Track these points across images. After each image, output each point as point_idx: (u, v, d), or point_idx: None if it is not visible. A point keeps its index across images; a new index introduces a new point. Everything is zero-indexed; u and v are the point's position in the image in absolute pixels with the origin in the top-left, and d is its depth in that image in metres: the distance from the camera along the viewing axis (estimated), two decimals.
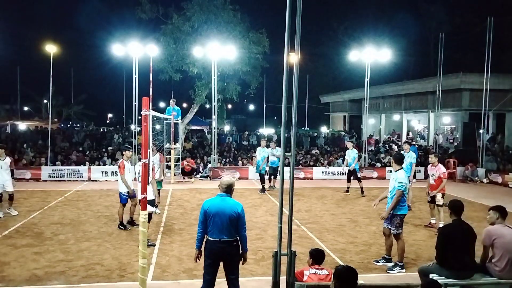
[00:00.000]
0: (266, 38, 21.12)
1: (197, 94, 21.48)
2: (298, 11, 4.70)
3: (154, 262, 7.36)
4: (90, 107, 48.13)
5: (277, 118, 48.76)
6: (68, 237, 8.88)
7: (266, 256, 7.70)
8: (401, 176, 7.11)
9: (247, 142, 25.61)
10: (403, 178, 7.07)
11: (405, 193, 7.10)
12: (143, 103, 5.58)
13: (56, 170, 17.79)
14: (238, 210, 5.19)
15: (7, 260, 7.35)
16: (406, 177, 7.13)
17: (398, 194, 7.01)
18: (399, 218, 7.15)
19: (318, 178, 19.04)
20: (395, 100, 32.81)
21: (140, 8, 20.60)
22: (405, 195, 7.10)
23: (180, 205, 12.53)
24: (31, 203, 12.49)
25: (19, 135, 25.48)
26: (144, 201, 5.47)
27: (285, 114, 4.93)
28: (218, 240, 5.08)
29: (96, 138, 24.94)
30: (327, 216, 11.32)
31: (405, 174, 7.16)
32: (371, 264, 7.44)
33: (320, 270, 5.06)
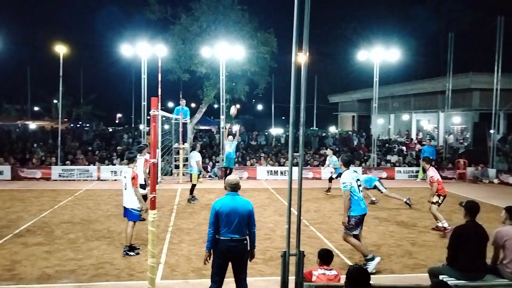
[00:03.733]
0: (274, 38, 21.10)
1: (206, 94, 21.54)
2: (307, 11, 4.69)
3: (163, 262, 7.38)
4: (99, 107, 48.51)
5: (286, 118, 48.81)
6: (78, 236, 8.95)
7: (275, 256, 7.70)
8: (343, 177, 7.04)
9: (255, 142, 25.61)
10: (344, 179, 6.95)
11: (354, 194, 6.92)
12: (151, 103, 5.60)
13: (66, 170, 17.95)
14: (250, 208, 5.26)
15: (19, 258, 7.42)
16: (348, 177, 6.96)
17: (344, 196, 6.93)
18: (353, 219, 6.98)
19: (327, 178, 18.91)
20: (404, 100, 32.63)
21: (148, 9, 20.71)
22: (354, 195, 6.92)
23: (188, 204, 12.56)
24: (41, 202, 12.61)
25: (29, 135, 25.72)
26: (153, 201, 5.49)
27: (294, 114, 4.92)
28: (229, 239, 5.09)
29: (105, 138, 25.08)
30: (336, 216, 11.28)
31: (346, 175, 7.01)
32: (381, 265, 7.40)
33: (329, 271, 5.05)
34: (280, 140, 26.41)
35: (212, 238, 5.14)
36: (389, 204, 13.23)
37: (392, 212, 11.91)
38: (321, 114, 46.91)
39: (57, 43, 19.61)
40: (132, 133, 26.30)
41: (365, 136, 28.55)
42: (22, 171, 17.71)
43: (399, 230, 9.91)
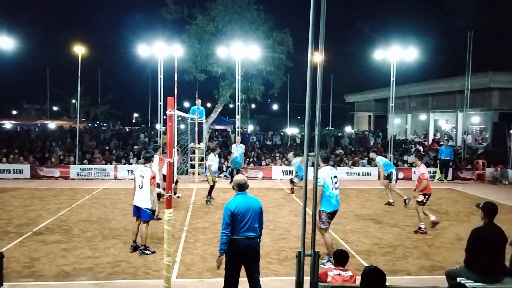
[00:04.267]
0: (290, 38, 21.04)
1: (221, 94, 21.60)
2: (323, 10, 4.67)
3: (179, 260, 7.44)
4: (116, 107, 49.10)
5: (301, 117, 48.61)
6: (95, 234, 9.07)
7: (290, 256, 7.68)
8: (319, 172, 6.92)
9: (270, 141, 25.60)
10: (319, 174, 7.01)
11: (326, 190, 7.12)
12: (168, 103, 5.64)
13: (84, 169, 18.21)
14: (260, 205, 5.35)
15: (37, 256, 7.56)
16: (323, 173, 7.15)
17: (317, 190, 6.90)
18: (324, 214, 7.20)
19: (342, 178, 18.77)
20: (422, 100, 32.22)
21: (165, 9, 20.84)
22: (326, 191, 7.12)
23: (204, 204, 12.62)
24: (60, 201, 12.82)
25: (48, 134, 26.15)
26: (169, 200, 5.53)
27: (309, 114, 4.91)
28: (244, 238, 5.12)
29: (122, 137, 25.36)
30: (352, 217, 11.21)
31: (322, 171, 7.20)
32: (397, 266, 7.34)
33: (344, 271, 5.02)
34: (296, 140, 26.34)
35: (228, 240, 5.11)
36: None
37: (408, 213, 11.77)
38: (337, 114, 46.64)
39: (75, 44, 19.91)
40: (148, 133, 26.54)
41: (381, 136, 28.29)
42: (41, 170, 18.03)
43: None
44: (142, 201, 7.76)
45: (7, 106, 49.68)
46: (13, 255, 7.47)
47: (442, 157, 18.74)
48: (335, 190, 7.28)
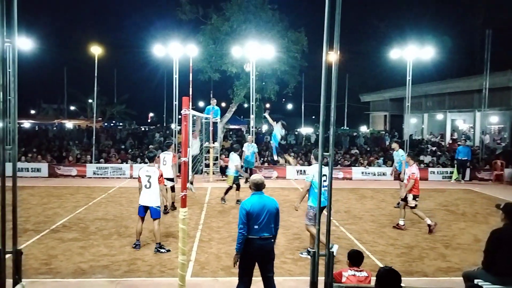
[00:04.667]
0: (304, 37, 20.98)
1: (236, 94, 21.64)
2: (338, 9, 4.64)
3: (193, 259, 7.48)
4: (132, 106, 49.65)
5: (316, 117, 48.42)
6: (111, 232, 9.17)
7: (304, 256, 7.66)
8: (310, 169, 7.70)
9: (284, 141, 25.56)
10: (309, 170, 7.58)
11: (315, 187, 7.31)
12: (183, 102, 5.67)
13: (100, 168, 18.44)
14: (277, 205, 5.33)
15: (55, 253, 7.68)
16: (313, 170, 7.44)
17: (304, 185, 7.54)
18: (312, 210, 7.53)
19: (357, 178, 18.75)
20: (439, 99, 31.79)
21: (180, 9, 20.97)
22: (315, 188, 7.32)
23: (218, 203, 12.66)
24: (77, 199, 13.00)
25: (65, 133, 26.56)
26: (184, 199, 5.56)
27: (324, 113, 4.88)
28: (258, 238, 5.12)
29: (138, 136, 25.61)
30: (367, 217, 11.13)
31: (311, 168, 7.57)
32: (413, 267, 7.26)
33: (359, 272, 4.99)
34: (310, 140, 26.26)
35: (244, 239, 5.11)
36: (422, 205, 12.93)
37: (425, 213, 11.62)
38: (352, 113, 46.38)
39: (92, 45, 20.17)
40: (163, 132, 26.75)
41: (397, 136, 28.01)
42: (59, 169, 18.30)
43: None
44: (150, 200, 7.90)
45: (26, 106, 50.56)
46: (31, 252, 7.60)
47: (460, 157, 18.47)
48: (324, 188, 7.17)
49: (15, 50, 4.82)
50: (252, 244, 5.11)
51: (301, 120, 42.72)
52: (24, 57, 19.04)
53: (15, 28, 4.73)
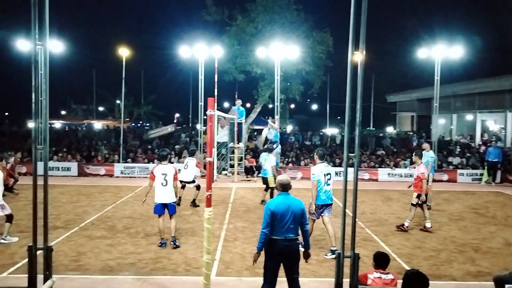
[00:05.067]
0: (330, 37, 20.85)
1: (260, 94, 21.68)
2: (364, 8, 4.60)
3: (218, 258, 7.53)
4: (158, 107, 50.32)
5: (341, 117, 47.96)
6: (138, 230, 9.33)
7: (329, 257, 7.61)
8: (313, 169, 7.93)
9: (309, 142, 25.44)
10: (313, 170, 7.85)
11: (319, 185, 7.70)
12: (208, 103, 5.72)
13: (128, 167, 18.77)
14: (302, 206, 5.26)
15: (84, 250, 7.87)
16: (317, 170, 7.77)
17: (312, 185, 7.80)
18: (315, 206, 7.85)
19: (383, 179, 18.49)
20: (468, 99, 31.01)
21: (206, 11, 21.16)
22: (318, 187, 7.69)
23: (243, 203, 12.71)
24: (105, 198, 13.27)
25: (94, 134, 27.16)
26: (209, 199, 5.61)
27: (349, 114, 4.85)
28: (283, 239, 5.09)
29: (164, 137, 25.94)
30: (393, 219, 10.96)
31: (317, 168, 7.83)
32: (441, 271, 7.11)
33: (385, 274, 4.91)
34: (335, 140, 26.04)
35: (266, 238, 5.12)
36: (451, 207, 12.66)
37: (453, 216, 11.38)
38: (378, 114, 45.73)
39: (120, 47, 20.57)
40: (189, 133, 27.02)
41: (425, 136, 27.47)
42: (88, 168, 18.74)
43: (461, 235, 9.45)
44: (168, 197, 8.15)
45: (57, 106, 51.98)
46: (61, 249, 7.80)
47: (490, 159, 17.99)
48: (327, 186, 7.83)
49: (46, 53, 4.96)
50: (277, 245, 5.10)
51: (326, 120, 42.39)
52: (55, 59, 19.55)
53: (47, 31, 4.88)
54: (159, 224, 8.22)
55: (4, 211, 8.29)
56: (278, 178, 5.50)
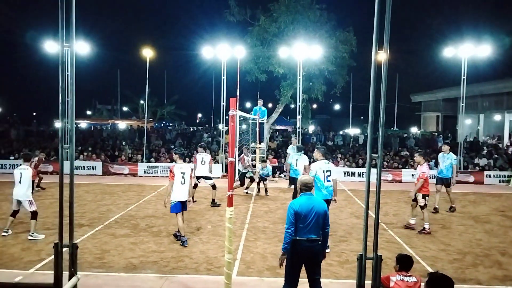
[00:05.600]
0: (353, 36, 20.64)
1: (282, 94, 21.64)
2: (388, 7, 4.54)
3: (239, 258, 7.54)
4: (181, 107, 50.86)
5: (364, 117, 47.54)
6: (161, 229, 9.44)
7: (351, 259, 7.53)
8: (312, 165, 8.42)
9: (332, 142, 25.25)
10: (312, 166, 8.32)
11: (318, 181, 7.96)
12: (230, 103, 5.74)
13: (151, 167, 19.02)
14: (325, 207, 5.23)
15: (108, 248, 8.01)
16: (316, 166, 8.13)
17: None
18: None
19: (407, 181, 18.19)
20: (496, 99, 30.26)
21: (228, 12, 21.24)
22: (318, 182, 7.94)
23: (264, 203, 12.71)
24: (128, 197, 13.48)
25: (118, 133, 27.60)
26: (231, 198, 5.62)
27: (373, 114, 4.79)
28: (306, 239, 5.05)
29: (186, 136, 26.19)
30: (417, 221, 10.76)
31: (316, 164, 8.22)
32: (466, 275, 6.96)
33: (408, 277, 4.83)
34: (358, 141, 25.78)
35: (291, 239, 5.06)
36: (477, 209, 12.37)
37: (480, 219, 11.12)
38: (403, 114, 45.04)
39: (144, 48, 20.86)
40: (211, 132, 27.18)
41: (450, 137, 26.92)
42: (112, 167, 19.07)
43: (487, 238, 9.22)
44: (186, 195, 8.36)
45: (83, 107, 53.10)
46: (86, 247, 7.97)
47: None
48: (327, 182, 8.07)
49: (73, 54, 5.06)
50: (299, 246, 5.06)
51: (349, 121, 41.98)
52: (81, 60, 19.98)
53: (73, 33, 4.98)
54: (179, 222, 8.31)
55: (32, 207, 8.59)
56: (301, 178, 5.46)
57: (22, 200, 8.58)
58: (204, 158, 12.03)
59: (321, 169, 8.06)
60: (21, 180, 8.57)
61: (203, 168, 11.96)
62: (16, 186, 8.62)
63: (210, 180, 12.09)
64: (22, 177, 8.57)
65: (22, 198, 8.57)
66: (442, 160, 12.05)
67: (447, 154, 11.99)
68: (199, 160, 12.02)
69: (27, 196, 8.59)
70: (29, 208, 8.57)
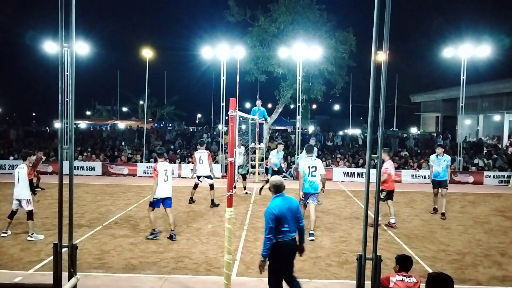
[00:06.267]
0: (353, 37, 20.65)
1: (282, 95, 21.65)
2: (387, 8, 4.54)
3: (239, 259, 7.54)
4: (181, 107, 50.88)
5: (364, 118, 47.53)
6: (160, 230, 9.42)
7: (350, 259, 7.53)
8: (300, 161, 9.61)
9: (331, 142, 25.25)
10: (300, 163, 9.35)
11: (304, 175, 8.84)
12: (230, 104, 5.74)
13: (150, 167, 18.98)
14: (297, 203, 5.28)
15: (107, 248, 8.00)
16: (302, 162, 9.10)
17: (299, 176, 9.13)
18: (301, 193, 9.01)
19: (407, 181, 18.20)
20: (496, 99, 30.29)
21: (228, 12, 21.25)
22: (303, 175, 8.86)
23: (264, 204, 12.69)
24: (128, 197, 13.47)
25: (118, 134, 27.60)
26: (230, 198, 5.62)
27: (372, 114, 4.79)
28: (290, 239, 5.08)
29: (186, 137, 26.19)
30: (416, 221, 10.78)
31: (302, 161, 9.26)
32: (465, 275, 6.96)
33: (408, 278, 4.83)
34: (358, 141, 25.79)
35: (271, 244, 4.98)
36: (476, 210, 12.37)
37: (479, 219, 11.12)
38: (402, 115, 45.10)
39: (143, 48, 20.86)
40: (211, 133, 27.18)
41: (450, 137, 26.94)
42: (111, 168, 19.06)
43: (487, 238, 9.23)
44: (168, 191, 8.77)
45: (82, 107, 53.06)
46: (85, 247, 7.96)
47: None
48: (311, 177, 8.87)
49: (73, 54, 5.06)
50: (284, 247, 5.04)
51: (349, 121, 42.02)
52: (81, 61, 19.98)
53: (73, 33, 4.98)
54: (152, 216, 8.70)
55: (28, 206, 8.63)
56: (271, 179, 5.39)
57: (20, 199, 8.61)
58: (202, 156, 12.03)
59: (307, 165, 8.90)
60: (19, 179, 8.62)
61: (202, 167, 12.00)
62: (15, 185, 8.66)
63: (210, 179, 12.10)
64: (20, 176, 8.63)
65: (20, 197, 8.61)
66: (437, 163, 11.46)
67: (441, 156, 11.44)
68: (197, 158, 12.07)
69: (25, 195, 8.63)
70: (26, 207, 8.60)
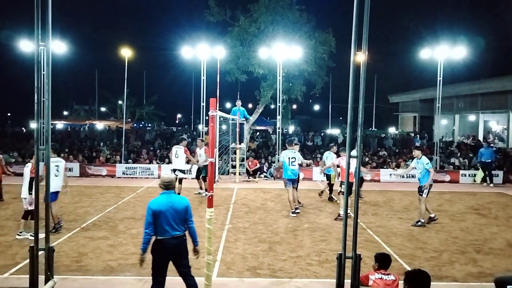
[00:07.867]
0: (332, 38, 20.83)
1: (262, 95, 21.68)
2: (366, 9, 4.60)
3: (219, 259, 7.52)
4: (160, 107, 50.44)
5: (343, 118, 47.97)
6: (140, 231, 9.25)
7: (330, 258, 7.59)
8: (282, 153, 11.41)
9: (311, 142, 25.42)
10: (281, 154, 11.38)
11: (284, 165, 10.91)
12: (210, 104, 5.73)
13: (129, 168, 18.79)
14: (186, 203, 5.26)
15: (85, 251, 7.87)
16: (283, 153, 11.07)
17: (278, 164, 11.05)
18: (284, 180, 11.01)
19: (385, 180, 18.45)
20: (471, 100, 30.96)
21: (208, 12, 21.17)
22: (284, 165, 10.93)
23: (244, 204, 12.70)
24: (106, 198, 13.29)
25: (96, 134, 27.20)
26: (211, 199, 5.60)
27: (351, 114, 4.84)
28: (171, 237, 5.08)
29: (166, 137, 25.98)
30: (395, 220, 10.94)
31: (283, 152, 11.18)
32: (442, 272, 7.09)
33: (386, 275, 4.90)
34: (337, 141, 26.02)
35: (149, 239, 5.07)
36: (453, 208, 12.63)
37: (455, 217, 11.36)
38: (381, 115, 45.70)
39: (122, 47, 20.60)
40: (191, 133, 27.04)
41: (427, 137, 27.43)
42: (90, 169, 18.76)
43: (463, 236, 9.43)
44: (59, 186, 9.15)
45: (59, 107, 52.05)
46: (62, 250, 7.81)
47: (483, 160, 17.96)
48: (292, 166, 10.82)
49: (49, 53, 4.97)
50: (165, 245, 5.07)
51: (328, 121, 42.38)
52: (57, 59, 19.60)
53: (49, 32, 4.88)
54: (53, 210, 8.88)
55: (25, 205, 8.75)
56: (161, 176, 5.45)
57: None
58: (178, 151, 12.58)
59: (287, 156, 10.85)
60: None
61: (178, 161, 12.62)
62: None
63: (184, 174, 12.80)
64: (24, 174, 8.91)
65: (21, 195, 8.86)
66: (417, 167, 10.40)
67: (419, 159, 10.31)
68: (174, 153, 12.68)
69: (24, 194, 8.74)
70: (24, 206, 8.76)
